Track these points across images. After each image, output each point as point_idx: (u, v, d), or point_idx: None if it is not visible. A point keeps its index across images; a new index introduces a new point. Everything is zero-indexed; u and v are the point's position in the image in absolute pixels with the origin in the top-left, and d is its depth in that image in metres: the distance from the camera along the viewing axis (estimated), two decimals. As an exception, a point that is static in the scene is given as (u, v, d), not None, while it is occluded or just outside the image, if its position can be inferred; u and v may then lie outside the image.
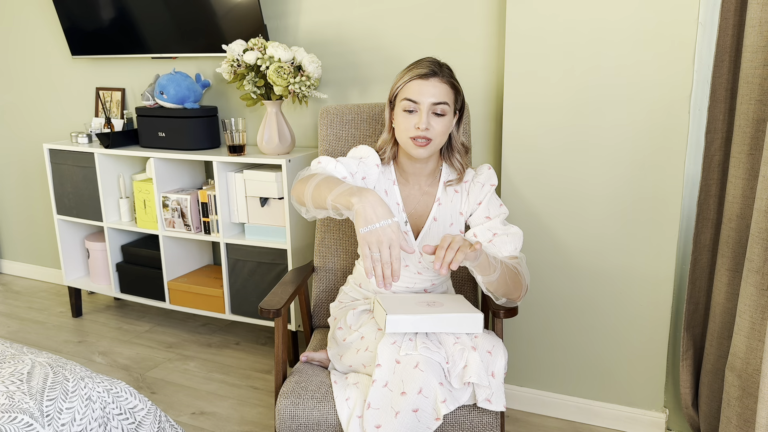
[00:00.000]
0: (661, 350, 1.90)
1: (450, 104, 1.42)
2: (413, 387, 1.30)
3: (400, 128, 1.44)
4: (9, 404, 1.21)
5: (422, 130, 1.39)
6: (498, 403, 1.36)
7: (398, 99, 1.45)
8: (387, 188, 1.52)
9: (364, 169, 1.48)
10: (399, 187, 1.52)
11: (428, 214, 1.53)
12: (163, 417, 1.51)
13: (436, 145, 1.44)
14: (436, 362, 1.34)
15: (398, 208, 1.51)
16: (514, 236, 1.48)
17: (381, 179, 1.53)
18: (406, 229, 1.51)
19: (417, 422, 1.29)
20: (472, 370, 1.34)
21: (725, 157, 1.64)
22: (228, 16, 2.40)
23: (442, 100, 1.40)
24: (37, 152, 3.22)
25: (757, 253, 1.37)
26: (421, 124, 1.38)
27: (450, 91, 1.42)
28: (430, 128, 1.39)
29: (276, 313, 1.56)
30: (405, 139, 1.43)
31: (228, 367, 2.44)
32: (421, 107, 1.39)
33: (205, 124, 2.49)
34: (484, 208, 1.51)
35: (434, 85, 1.39)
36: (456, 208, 1.53)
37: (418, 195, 1.54)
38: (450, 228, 1.53)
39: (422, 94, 1.39)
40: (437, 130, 1.40)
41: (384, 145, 1.53)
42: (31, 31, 3.04)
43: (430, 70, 1.40)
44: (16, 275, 3.52)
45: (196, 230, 2.51)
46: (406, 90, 1.41)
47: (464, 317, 1.42)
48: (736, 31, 1.54)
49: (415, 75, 1.40)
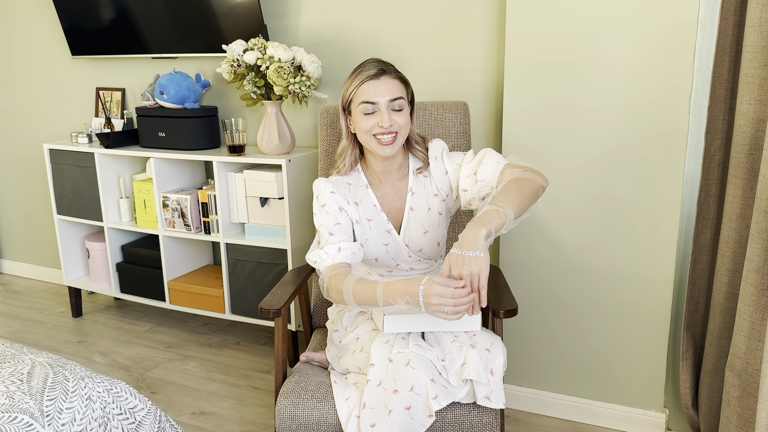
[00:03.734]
0: (661, 350, 1.90)
1: (405, 97, 1.47)
2: (405, 384, 1.31)
3: (362, 131, 1.47)
4: (9, 404, 1.21)
5: (387, 128, 1.42)
6: (497, 400, 1.36)
7: (354, 104, 1.48)
8: (361, 195, 1.54)
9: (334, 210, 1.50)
10: (372, 189, 1.55)
11: (405, 206, 1.56)
12: (163, 417, 1.51)
13: (402, 138, 1.47)
14: (427, 359, 1.35)
15: (377, 209, 1.54)
16: (485, 156, 1.48)
17: (356, 192, 1.55)
18: (389, 228, 1.54)
19: (410, 420, 1.30)
20: (470, 367, 1.34)
21: (725, 157, 1.64)
22: (228, 16, 2.40)
23: (397, 95, 1.44)
24: (37, 152, 3.22)
25: (757, 253, 1.37)
26: (384, 122, 1.42)
27: (401, 85, 1.46)
28: (393, 124, 1.43)
29: (276, 313, 1.56)
30: (369, 140, 1.46)
31: (228, 367, 2.44)
32: (379, 106, 1.43)
33: (205, 124, 2.49)
34: (452, 168, 1.53)
35: (386, 83, 1.43)
36: (429, 191, 1.55)
37: (393, 191, 1.56)
38: (428, 213, 1.55)
39: (377, 94, 1.43)
40: (400, 123, 1.45)
41: (344, 151, 1.56)
42: (32, 31, 3.04)
43: (378, 69, 1.44)
44: (16, 275, 3.52)
45: (196, 230, 2.51)
46: (360, 94, 1.45)
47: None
48: (736, 31, 1.54)
49: (366, 77, 1.44)
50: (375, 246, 1.54)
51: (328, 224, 1.49)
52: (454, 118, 1.87)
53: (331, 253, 1.46)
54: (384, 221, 1.54)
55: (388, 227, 1.54)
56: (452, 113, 1.87)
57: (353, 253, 1.48)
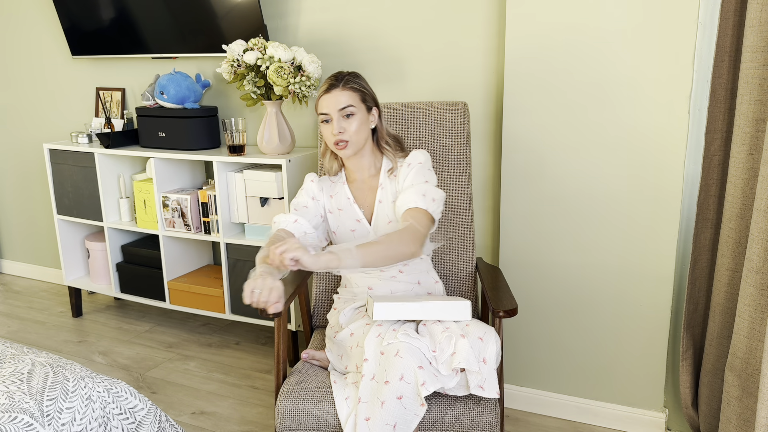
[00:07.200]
0: (661, 350, 1.90)
1: (355, 105, 1.62)
2: (395, 374, 1.32)
3: (324, 138, 1.67)
4: (9, 404, 1.21)
5: (337, 135, 1.60)
6: (491, 389, 1.37)
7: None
8: (338, 189, 1.73)
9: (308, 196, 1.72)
10: (348, 185, 1.73)
11: (375, 199, 1.70)
12: (164, 417, 1.51)
13: (355, 142, 1.63)
14: (415, 347, 1.36)
15: (350, 201, 1.70)
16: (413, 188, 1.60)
17: (333, 187, 1.74)
18: (359, 217, 1.70)
19: (403, 409, 1.31)
20: (460, 356, 1.35)
21: (725, 157, 1.64)
22: (228, 16, 2.40)
23: (345, 104, 1.61)
24: (37, 152, 3.22)
25: (757, 253, 1.37)
26: (335, 130, 1.61)
27: (352, 94, 1.62)
28: (343, 131, 1.61)
29: (276, 313, 1.57)
30: (331, 146, 1.65)
31: (228, 367, 2.44)
32: (331, 116, 1.61)
33: (205, 124, 2.49)
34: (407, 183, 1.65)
35: (335, 95, 1.61)
36: (394, 189, 1.69)
37: (365, 187, 1.72)
38: (392, 205, 1.68)
39: (328, 106, 1.62)
40: (350, 130, 1.61)
41: (324, 154, 1.75)
42: (32, 31, 3.04)
43: (329, 84, 1.63)
44: (16, 275, 3.52)
45: (196, 230, 2.51)
46: (318, 106, 1.65)
47: (451, 304, 1.45)
48: (736, 31, 1.54)
49: (321, 92, 1.64)
50: (344, 232, 1.71)
51: (298, 203, 1.72)
52: (454, 118, 1.87)
53: (288, 221, 1.67)
54: (355, 211, 1.70)
55: (358, 216, 1.70)
56: (452, 113, 1.87)
57: (305, 233, 1.67)
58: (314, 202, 1.72)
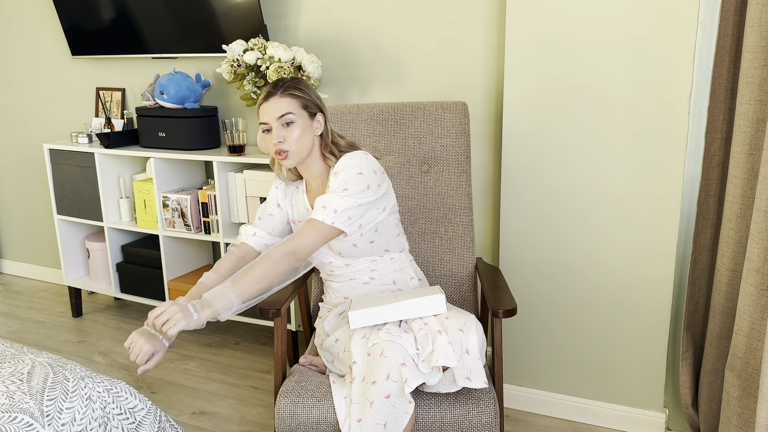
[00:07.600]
0: (661, 350, 1.90)
1: (295, 112, 1.54)
2: (381, 374, 1.33)
3: (267, 148, 1.61)
4: (9, 404, 1.21)
5: (277, 144, 1.54)
6: (478, 379, 1.36)
7: None
8: (298, 198, 1.69)
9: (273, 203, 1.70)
10: (307, 194, 1.68)
11: None
12: (164, 417, 1.51)
13: (296, 151, 1.55)
14: (398, 344, 1.36)
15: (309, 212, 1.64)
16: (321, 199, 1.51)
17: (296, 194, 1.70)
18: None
19: (392, 408, 1.31)
20: (439, 353, 1.34)
21: (725, 157, 1.64)
22: (228, 16, 2.40)
23: (283, 112, 1.53)
24: (37, 152, 3.22)
25: (757, 253, 1.37)
26: (274, 139, 1.54)
27: (291, 101, 1.55)
28: (283, 140, 1.54)
29: (276, 312, 1.57)
30: (273, 156, 1.58)
31: (228, 367, 2.44)
32: (271, 125, 1.54)
33: (205, 124, 2.49)
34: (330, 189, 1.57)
35: (273, 104, 1.54)
36: None
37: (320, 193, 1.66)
38: None
39: (266, 115, 1.55)
40: (291, 138, 1.54)
41: (273, 162, 1.69)
42: (31, 31, 3.04)
43: (267, 92, 1.57)
44: (16, 275, 3.52)
45: (196, 230, 2.51)
46: (259, 116, 1.58)
47: (425, 300, 1.43)
48: (736, 31, 1.54)
49: (260, 101, 1.58)
50: None
51: (264, 211, 1.71)
52: (453, 118, 1.87)
53: (248, 234, 1.68)
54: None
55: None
56: (452, 113, 1.87)
57: (266, 245, 1.67)
58: (279, 210, 1.70)
